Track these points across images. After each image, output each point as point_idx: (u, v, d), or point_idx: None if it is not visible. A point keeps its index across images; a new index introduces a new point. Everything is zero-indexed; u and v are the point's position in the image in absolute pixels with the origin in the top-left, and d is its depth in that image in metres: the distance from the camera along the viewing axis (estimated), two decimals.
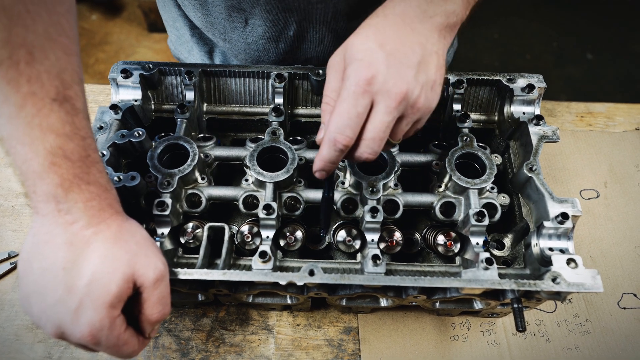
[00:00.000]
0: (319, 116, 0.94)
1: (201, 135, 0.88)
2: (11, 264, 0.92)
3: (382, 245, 0.81)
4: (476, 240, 0.75)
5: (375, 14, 0.66)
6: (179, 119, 0.85)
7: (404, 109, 0.62)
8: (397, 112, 0.61)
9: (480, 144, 0.83)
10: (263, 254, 0.70)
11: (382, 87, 0.60)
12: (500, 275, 0.71)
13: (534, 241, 0.76)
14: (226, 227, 0.76)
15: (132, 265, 0.59)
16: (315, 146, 0.96)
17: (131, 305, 0.61)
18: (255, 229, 0.81)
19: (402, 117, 0.63)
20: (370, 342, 0.88)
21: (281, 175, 0.77)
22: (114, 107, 0.83)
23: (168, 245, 0.75)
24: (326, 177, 0.69)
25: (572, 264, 0.70)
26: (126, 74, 0.85)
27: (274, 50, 1.04)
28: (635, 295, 0.95)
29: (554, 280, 0.69)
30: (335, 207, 0.80)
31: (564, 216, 0.73)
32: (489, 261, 0.71)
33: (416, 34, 0.63)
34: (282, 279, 0.68)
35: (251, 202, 0.80)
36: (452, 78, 0.88)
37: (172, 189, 0.75)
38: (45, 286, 0.56)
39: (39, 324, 0.58)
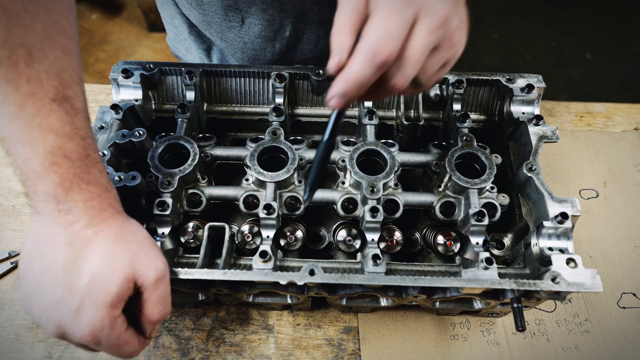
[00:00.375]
0: (319, 116, 0.94)
1: (201, 135, 0.89)
2: (11, 263, 0.93)
3: (382, 245, 0.81)
4: (476, 240, 0.75)
5: None
6: (179, 119, 0.85)
7: (442, 35, 0.55)
8: (437, 35, 0.54)
9: (480, 144, 0.83)
10: (263, 254, 0.70)
11: (427, 3, 0.53)
12: (500, 275, 0.71)
13: (533, 241, 0.76)
14: (226, 226, 0.76)
15: (132, 265, 0.59)
16: (316, 145, 0.97)
17: (132, 305, 0.61)
18: (255, 229, 0.81)
19: (436, 48, 0.56)
20: (371, 342, 0.88)
21: (282, 175, 0.77)
22: (114, 107, 0.83)
23: (168, 244, 0.75)
24: (343, 107, 0.57)
25: (572, 264, 0.71)
26: (127, 73, 0.85)
27: (270, 49, 1.04)
28: (634, 294, 0.95)
29: (553, 279, 0.69)
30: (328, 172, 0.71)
31: (564, 216, 0.73)
32: (488, 261, 0.71)
33: None
34: (283, 278, 0.68)
35: (251, 201, 0.80)
36: (452, 78, 0.88)
37: (172, 189, 0.75)
38: (45, 286, 0.56)
39: (40, 323, 0.58)
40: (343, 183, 0.82)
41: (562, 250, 0.74)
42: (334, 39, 0.55)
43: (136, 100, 0.86)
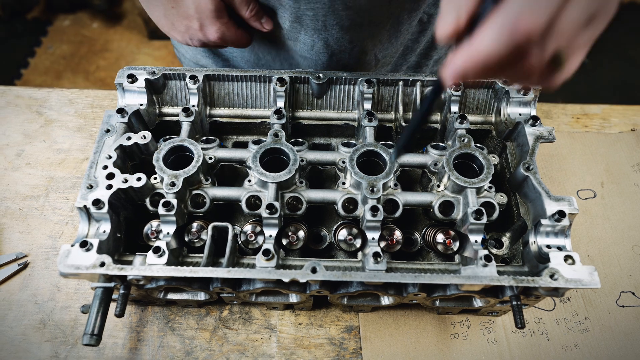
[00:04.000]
0: (319, 119, 0.96)
1: (205, 137, 0.90)
2: (19, 265, 0.94)
3: (382, 244, 0.83)
4: (475, 238, 0.76)
5: None
6: (183, 122, 0.87)
7: (599, 5, 0.44)
8: (595, 5, 0.43)
9: (478, 145, 0.85)
10: (266, 252, 0.72)
11: None
12: (499, 272, 0.72)
13: (531, 239, 0.78)
14: (230, 226, 0.78)
15: None
16: (316, 147, 0.99)
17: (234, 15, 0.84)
18: (258, 229, 0.83)
19: (592, 19, 0.45)
20: (372, 341, 0.89)
21: (283, 176, 0.79)
22: (120, 111, 0.85)
23: (173, 244, 0.77)
24: (457, 84, 0.50)
25: (570, 261, 0.72)
26: (132, 78, 0.87)
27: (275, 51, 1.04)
28: (633, 293, 0.97)
29: (551, 276, 0.70)
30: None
31: (561, 214, 0.75)
32: (487, 258, 0.73)
33: None
34: (285, 276, 0.70)
35: (254, 202, 0.82)
36: None
37: (177, 190, 0.77)
38: (173, 22, 0.85)
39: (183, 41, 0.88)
40: (343, 184, 0.84)
41: (559, 248, 0.75)
42: (444, 2, 0.43)
43: (141, 105, 0.88)
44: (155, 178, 0.81)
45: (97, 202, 0.74)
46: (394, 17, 0.95)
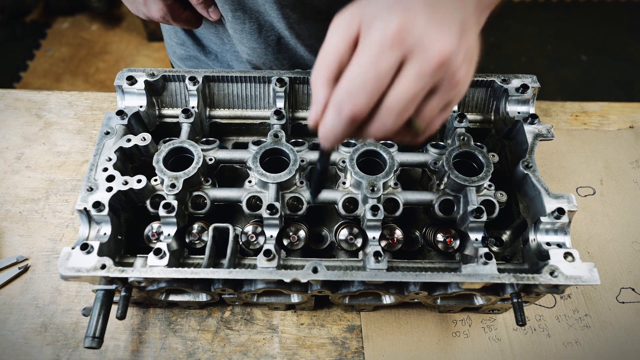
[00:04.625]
0: None
1: (205, 139, 0.91)
2: (19, 268, 0.94)
3: (383, 243, 0.83)
4: (475, 236, 0.77)
5: None
6: (183, 124, 0.87)
7: (441, 77, 0.47)
8: (432, 79, 0.47)
9: (477, 143, 0.85)
10: (267, 253, 0.72)
11: (419, 41, 0.45)
12: (499, 270, 0.73)
13: (531, 236, 0.78)
14: (231, 227, 0.78)
15: None
16: (316, 148, 0.99)
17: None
18: (259, 229, 0.83)
19: (435, 90, 0.49)
20: (374, 340, 0.89)
21: (284, 176, 0.79)
22: (120, 113, 0.85)
23: (174, 246, 0.77)
24: (330, 149, 0.56)
25: (569, 258, 0.72)
26: (131, 80, 0.88)
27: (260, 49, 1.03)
28: (633, 289, 0.97)
29: (551, 273, 0.70)
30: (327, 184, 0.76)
31: (560, 211, 0.75)
32: (487, 256, 0.73)
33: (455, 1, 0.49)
34: (287, 276, 0.70)
35: (254, 203, 0.82)
36: None
37: (177, 191, 0.77)
38: None
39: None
40: (344, 183, 0.84)
41: (559, 245, 0.75)
42: (312, 88, 0.50)
43: (141, 106, 0.88)
44: (155, 180, 0.81)
45: (97, 205, 0.74)
46: None
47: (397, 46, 0.45)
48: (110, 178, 0.78)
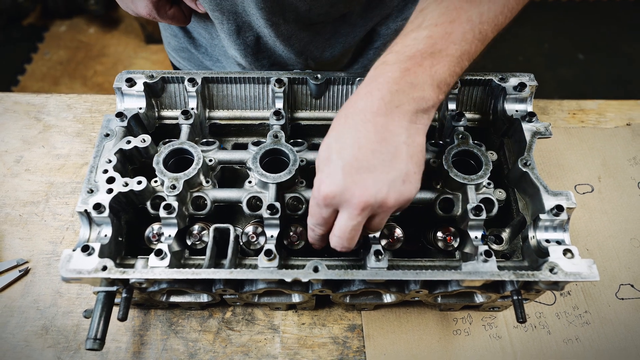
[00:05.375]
0: (318, 119, 0.96)
1: (204, 140, 0.91)
2: (20, 271, 0.94)
3: (383, 242, 0.83)
4: (475, 234, 0.77)
5: (338, 114, 0.66)
6: (182, 125, 0.87)
7: (370, 211, 0.63)
8: (362, 217, 0.63)
9: (476, 142, 0.86)
10: (268, 252, 0.72)
11: (342, 198, 0.62)
12: (499, 268, 0.73)
13: (530, 234, 0.78)
14: (231, 227, 0.78)
15: None
16: (316, 148, 0.99)
17: None
18: (259, 230, 0.83)
19: (374, 215, 0.65)
20: (375, 339, 0.90)
21: (284, 176, 0.79)
22: (119, 115, 0.85)
23: (175, 247, 0.77)
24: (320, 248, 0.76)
25: (569, 255, 0.73)
26: (131, 82, 0.88)
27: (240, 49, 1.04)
28: (632, 285, 0.97)
29: (551, 270, 0.71)
30: None
31: (559, 208, 0.75)
32: (487, 253, 0.73)
33: (378, 130, 0.61)
34: (288, 276, 0.70)
35: (255, 203, 0.82)
36: None
37: (177, 193, 0.77)
38: None
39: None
40: None
41: (558, 242, 0.76)
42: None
43: (140, 108, 0.88)
44: (155, 181, 0.81)
45: (98, 206, 0.75)
46: (333, 26, 0.99)
47: (328, 206, 0.65)
48: (111, 180, 0.78)
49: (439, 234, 0.84)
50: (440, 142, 0.90)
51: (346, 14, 1.00)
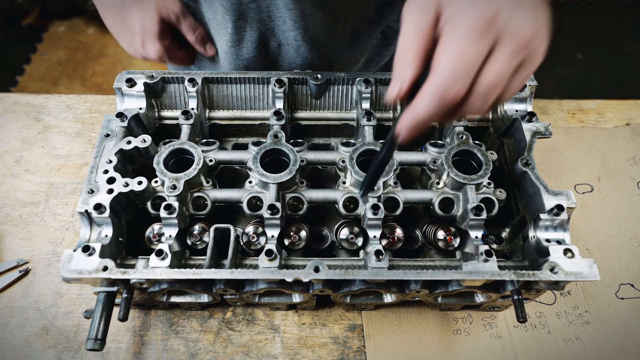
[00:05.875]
0: (318, 119, 0.96)
1: (204, 140, 0.91)
2: (20, 272, 0.94)
3: (384, 242, 0.83)
4: (475, 234, 0.77)
5: None
6: (183, 125, 0.87)
7: (526, 55, 0.51)
8: (518, 59, 0.51)
9: (476, 142, 0.86)
10: (269, 252, 0.72)
11: (507, 26, 0.49)
12: (500, 267, 0.73)
13: (531, 233, 0.79)
14: (232, 227, 0.78)
15: (158, 10, 0.87)
16: (316, 148, 0.99)
17: (180, 36, 0.94)
18: (260, 230, 0.83)
19: (520, 67, 0.52)
20: (375, 339, 0.90)
21: (284, 176, 0.79)
22: (120, 115, 0.85)
23: (175, 247, 0.77)
24: (410, 138, 0.56)
25: (569, 254, 0.73)
26: (131, 82, 0.88)
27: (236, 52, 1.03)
28: (632, 285, 0.97)
29: (551, 270, 0.71)
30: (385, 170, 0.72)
31: (559, 208, 0.75)
32: (488, 253, 0.73)
33: None
34: (289, 276, 0.70)
35: (255, 203, 0.82)
36: None
37: (178, 193, 0.77)
38: (120, 33, 0.94)
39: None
40: (344, 183, 0.84)
41: (559, 242, 0.76)
42: (397, 63, 0.52)
43: (140, 109, 0.88)
44: (156, 181, 0.81)
45: (98, 207, 0.75)
46: (353, 25, 0.97)
47: (489, 33, 0.48)
48: (111, 180, 0.78)
49: (440, 233, 0.85)
50: (441, 142, 0.90)
51: (363, 10, 0.97)
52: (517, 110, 0.89)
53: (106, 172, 0.79)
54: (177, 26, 0.93)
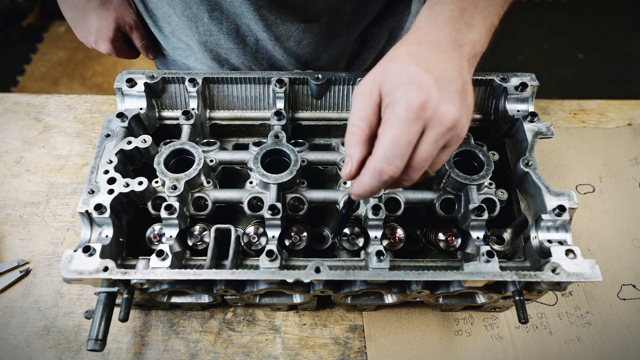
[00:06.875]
0: (319, 119, 0.96)
1: (205, 140, 0.91)
2: (20, 272, 0.94)
3: (385, 243, 0.83)
4: (476, 235, 0.77)
5: (406, 42, 0.62)
6: (183, 125, 0.87)
7: (450, 137, 0.58)
8: (444, 140, 0.58)
9: (477, 142, 0.85)
10: (270, 253, 0.72)
11: (435, 112, 0.56)
12: (501, 268, 0.73)
13: (532, 234, 0.78)
14: (232, 228, 0.78)
15: (116, 20, 1.03)
16: (317, 148, 0.99)
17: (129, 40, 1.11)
18: (260, 230, 0.83)
19: (445, 146, 0.60)
20: (376, 339, 0.89)
21: (285, 177, 0.79)
22: (120, 115, 0.85)
23: (176, 247, 0.77)
24: (359, 200, 0.65)
25: (571, 255, 0.72)
26: (131, 83, 0.88)
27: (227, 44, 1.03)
28: (634, 286, 0.97)
29: (553, 270, 0.71)
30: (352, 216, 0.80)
31: (561, 208, 0.75)
32: (489, 254, 0.73)
33: (452, 61, 0.60)
34: (289, 276, 0.70)
35: (256, 204, 0.82)
36: None
37: (179, 193, 0.77)
38: (76, 27, 1.07)
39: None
40: (345, 183, 0.84)
41: (561, 242, 0.76)
42: (347, 144, 0.60)
43: (141, 109, 0.88)
44: (156, 182, 0.81)
45: (99, 207, 0.74)
46: (328, 27, 1.00)
47: (420, 118, 0.55)
48: (112, 180, 0.78)
49: (441, 234, 0.84)
50: None
51: (339, 12, 1.00)
52: (518, 111, 0.89)
53: (107, 172, 0.78)
54: (129, 34, 1.09)
